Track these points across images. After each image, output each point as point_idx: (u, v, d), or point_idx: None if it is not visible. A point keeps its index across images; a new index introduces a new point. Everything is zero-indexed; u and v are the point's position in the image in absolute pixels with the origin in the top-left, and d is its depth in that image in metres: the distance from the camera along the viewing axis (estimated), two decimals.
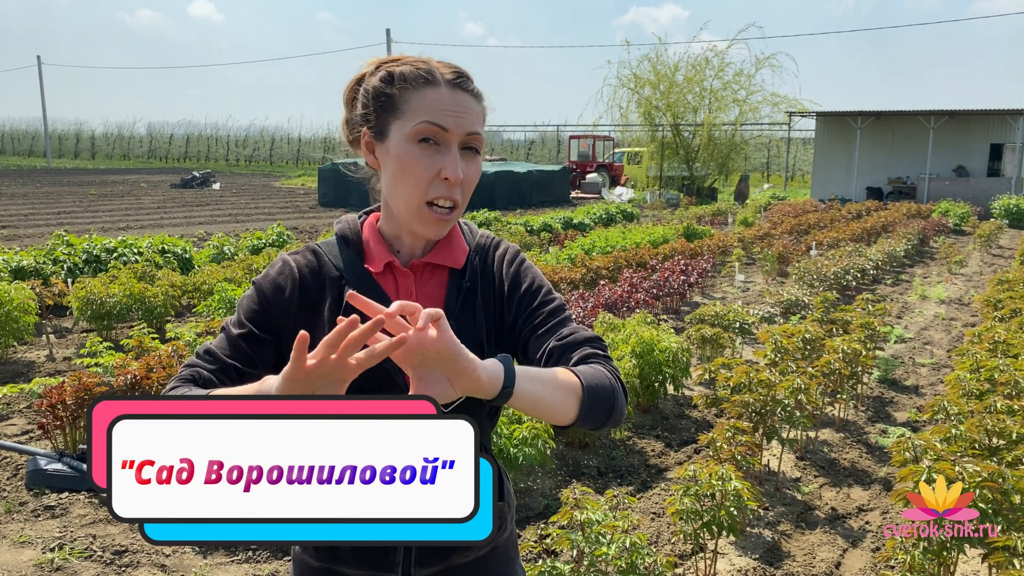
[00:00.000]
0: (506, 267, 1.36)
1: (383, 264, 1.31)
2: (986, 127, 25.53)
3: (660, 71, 29.02)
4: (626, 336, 5.41)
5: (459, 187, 1.25)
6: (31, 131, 65.35)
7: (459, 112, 1.24)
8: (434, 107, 1.23)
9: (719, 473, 3.11)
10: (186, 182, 31.55)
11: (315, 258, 1.33)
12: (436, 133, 1.23)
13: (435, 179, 1.23)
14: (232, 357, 1.27)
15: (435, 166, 1.22)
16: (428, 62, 1.28)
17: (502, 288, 1.35)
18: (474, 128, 1.25)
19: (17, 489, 4.22)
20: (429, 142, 1.23)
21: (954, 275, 11.87)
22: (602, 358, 1.27)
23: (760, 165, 44.14)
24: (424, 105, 1.23)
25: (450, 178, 1.22)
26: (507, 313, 1.34)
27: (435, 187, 1.23)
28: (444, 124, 1.22)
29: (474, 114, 1.26)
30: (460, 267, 1.34)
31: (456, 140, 1.23)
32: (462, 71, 1.28)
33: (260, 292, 1.31)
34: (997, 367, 4.60)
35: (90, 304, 7.12)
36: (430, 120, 1.22)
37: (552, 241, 14.01)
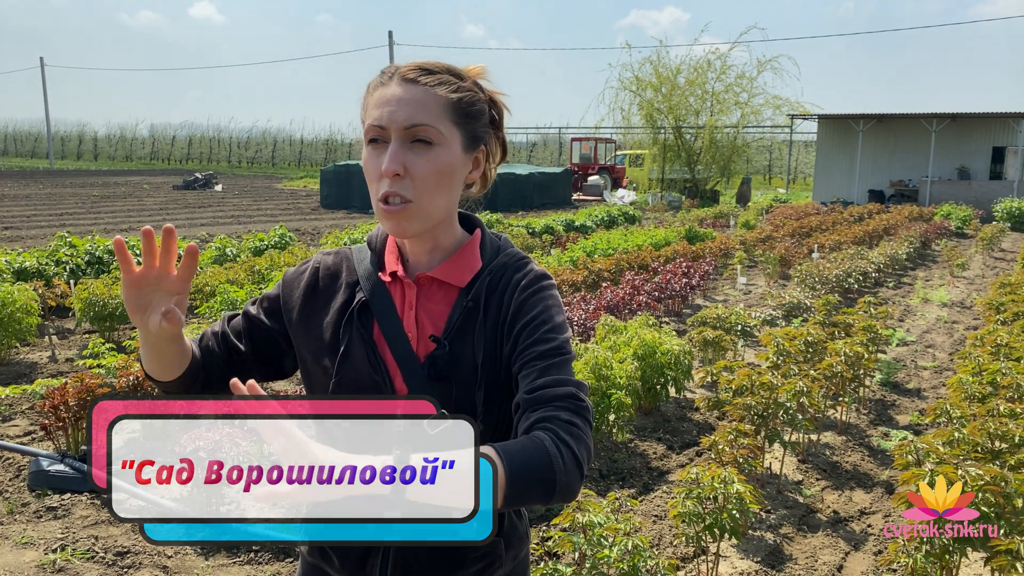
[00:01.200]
0: (518, 293, 1.27)
1: (389, 273, 1.31)
2: (988, 130, 25.51)
3: (662, 73, 29.02)
4: (628, 338, 5.41)
5: (406, 181, 1.20)
6: (34, 132, 65.47)
7: (394, 106, 1.20)
8: (376, 106, 1.22)
9: (721, 476, 3.10)
10: (188, 184, 31.57)
11: (340, 260, 1.36)
12: (377, 132, 1.21)
13: (382, 176, 1.21)
14: (233, 331, 1.39)
15: (380, 164, 1.21)
16: (393, 66, 1.26)
17: (506, 314, 1.26)
18: (414, 120, 1.19)
19: (19, 490, 4.22)
20: (377, 142, 1.22)
21: (956, 278, 11.85)
22: (562, 423, 1.11)
23: (762, 168, 44.13)
24: (372, 106, 1.23)
25: (383, 172, 1.19)
26: (506, 342, 1.25)
27: (382, 184, 1.21)
28: (379, 121, 1.21)
29: (416, 104, 1.20)
30: (463, 286, 1.29)
31: (396, 135, 1.20)
32: (424, 65, 1.24)
33: (281, 282, 1.39)
34: (999, 370, 4.59)
35: (92, 305, 7.13)
36: (371, 121, 1.22)
37: (554, 243, 14.01)
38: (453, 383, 1.24)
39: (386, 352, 1.26)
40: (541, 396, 1.16)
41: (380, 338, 1.27)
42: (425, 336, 1.27)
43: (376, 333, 1.27)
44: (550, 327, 1.24)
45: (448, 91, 1.23)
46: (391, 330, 1.26)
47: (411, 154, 1.20)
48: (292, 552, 3.63)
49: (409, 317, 1.28)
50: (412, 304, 1.28)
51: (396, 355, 1.25)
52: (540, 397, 1.16)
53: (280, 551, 3.63)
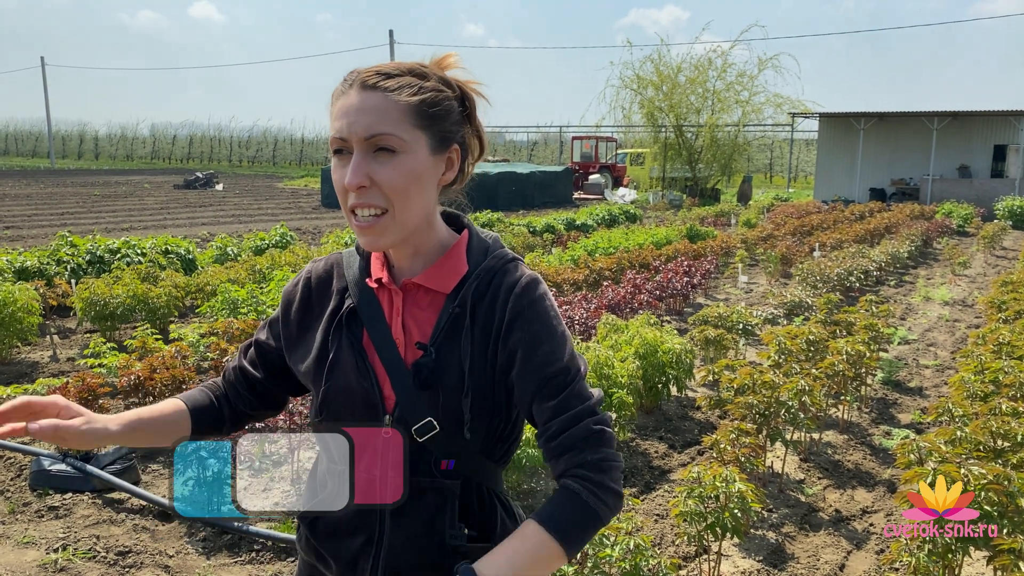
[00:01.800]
0: (512, 302, 1.23)
1: (375, 280, 1.29)
2: (989, 128, 25.48)
3: (663, 72, 29.01)
4: (629, 337, 5.40)
5: (375, 191, 1.17)
6: (35, 132, 65.46)
7: (353, 116, 1.16)
8: (336, 117, 1.19)
9: (723, 475, 3.10)
10: (189, 183, 31.58)
11: (331, 267, 1.36)
12: (339, 144, 1.19)
13: (348, 189, 1.18)
14: (248, 358, 1.43)
15: (344, 176, 1.18)
16: (355, 72, 1.21)
17: (500, 324, 1.23)
18: (373, 129, 1.16)
19: (21, 490, 4.22)
20: (341, 153, 1.19)
21: (958, 276, 11.84)
22: (592, 465, 1.16)
23: (763, 166, 44.12)
24: (333, 117, 1.20)
25: (346, 185, 1.17)
26: (500, 353, 1.23)
27: (349, 196, 1.18)
28: (340, 133, 1.18)
29: (376, 113, 1.16)
30: (449, 292, 1.26)
31: (357, 145, 1.17)
32: (378, 68, 1.21)
33: (281, 301, 1.40)
34: (1002, 369, 4.59)
35: (93, 305, 7.13)
36: (332, 133, 1.19)
37: (555, 242, 14.01)
38: (440, 390, 1.22)
39: (375, 359, 1.25)
40: (566, 441, 1.18)
41: (369, 345, 1.26)
42: (412, 343, 1.25)
43: (365, 340, 1.27)
44: (552, 345, 1.22)
45: (408, 95, 1.18)
46: (379, 337, 1.25)
47: (375, 163, 1.17)
48: (293, 552, 3.63)
49: (396, 324, 1.26)
50: (399, 311, 1.27)
51: (385, 362, 1.24)
52: (564, 443, 1.18)
53: (281, 550, 3.63)
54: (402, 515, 1.24)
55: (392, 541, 1.25)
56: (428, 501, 1.24)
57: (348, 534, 1.28)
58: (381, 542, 1.25)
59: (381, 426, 1.22)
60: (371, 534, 1.26)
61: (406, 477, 1.21)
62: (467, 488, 1.26)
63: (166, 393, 4.78)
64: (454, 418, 1.21)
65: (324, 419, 1.27)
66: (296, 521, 1.38)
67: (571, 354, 1.23)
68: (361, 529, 1.27)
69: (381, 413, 1.23)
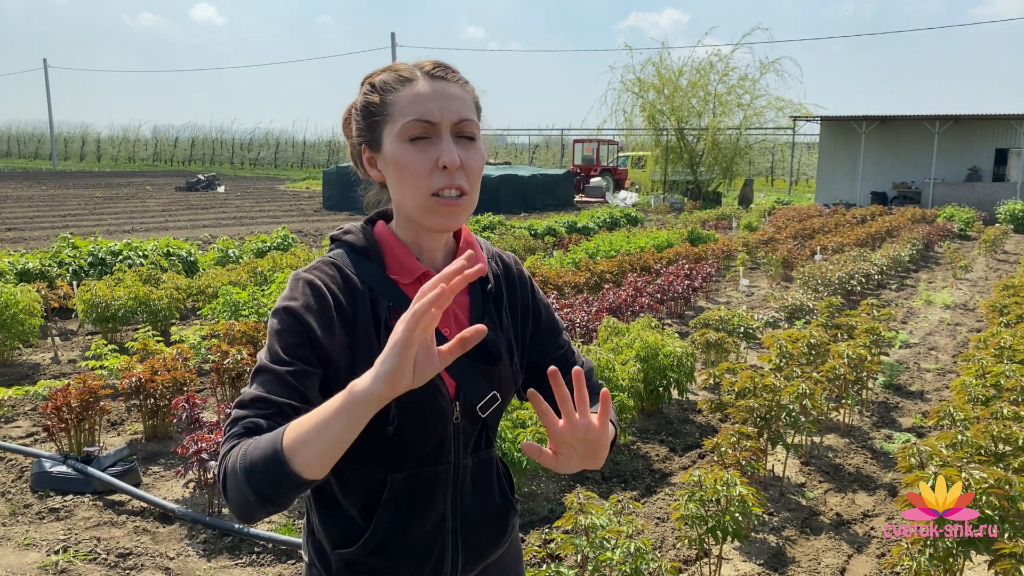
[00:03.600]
0: (529, 283, 1.44)
1: (416, 275, 1.26)
2: (991, 132, 25.48)
3: (664, 75, 29.04)
4: (630, 340, 5.40)
5: (461, 173, 1.22)
6: (37, 134, 65.58)
7: (442, 101, 1.21)
8: (417, 102, 1.21)
9: (724, 478, 3.10)
10: (191, 185, 31.63)
11: (336, 271, 1.26)
12: (425, 128, 1.21)
13: (434, 170, 1.20)
14: (285, 396, 1.13)
15: (431, 158, 1.20)
16: (405, 64, 1.27)
17: (527, 305, 1.41)
18: (462, 115, 1.22)
19: (22, 491, 4.22)
20: (422, 139, 1.21)
21: (959, 280, 11.83)
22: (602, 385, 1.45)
23: (764, 170, 44.11)
24: (408, 103, 1.21)
25: (447, 164, 1.19)
26: (528, 329, 1.41)
27: (436, 178, 1.20)
28: (429, 117, 1.20)
29: (460, 101, 1.23)
30: (485, 274, 1.28)
31: (446, 129, 1.21)
32: (442, 63, 1.27)
33: (297, 318, 1.18)
34: (1003, 373, 4.58)
35: (95, 307, 7.14)
36: (416, 117, 1.20)
37: (556, 245, 14.01)
38: (499, 365, 1.31)
39: None
40: (589, 371, 1.47)
41: None
42: (461, 327, 1.28)
43: None
44: (559, 321, 1.49)
45: (470, 88, 1.28)
46: None
47: (460, 149, 1.22)
48: (294, 554, 3.63)
49: (445, 312, 1.25)
50: None
51: None
52: (589, 372, 1.47)
53: (282, 552, 3.63)
54: (471, 492, 1.32)
55: (465, 519, 1.31)
56: (487, 472, 1.35)
57: (423, 531, 1.28)
58: (456, 525, 1.30)
59: (451, 415, 1.26)
60: (443, 522, 1.29)
61: (475, 456, 1.33)
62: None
63: (167, 395, 4.79)
64: (508, 387, 1.33)
65: (398, 425, 1.21)
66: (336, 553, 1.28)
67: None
68: (436, 521, 1.29)
69: (450, 401, 1.26)
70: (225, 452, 1.09)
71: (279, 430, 1.04)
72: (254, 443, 1.05)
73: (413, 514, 1.27)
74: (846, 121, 26.85)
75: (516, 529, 1.44)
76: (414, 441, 1.24)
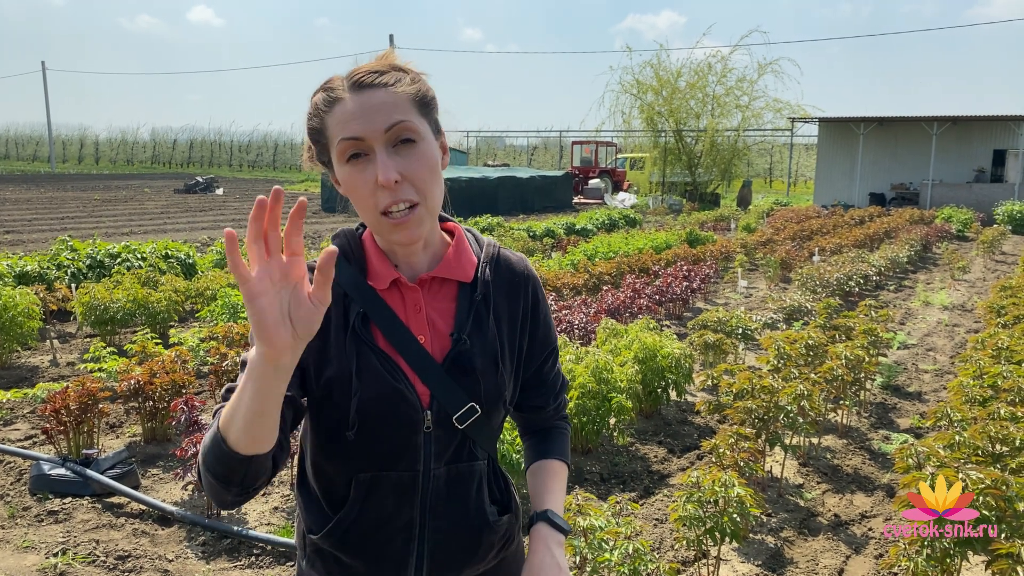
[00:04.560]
0: (532, 285, 1.39)
1: (389, 281, 1.27)
2: (989, 133, 25.52)
3: (662, 77, 29.07)
4: (629, 342, 5.41)
5: (407, 185, 1.18)
6: (35, 136, 65.50)
7: (367, 115, 1.16)
8: (343, 122, 1.17)
9: (722, 479, 3.10)
10: (189, 187, 31.61)
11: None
12: (356, 145, 1.17)
13: (376, 189, 1.17)
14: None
15: (369, 178, 1.17)
16: (334, 79, 1.21)
17: (526, 313, 1.37)
18: (391, 120, 1.16)
19: (20, 494, 4.22)
20: (357, 157, 1.18)
21: (957, 281, 11.85)
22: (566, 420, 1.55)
23: (763, 171, 44.17)
24: (337, 125, 1.18)
25: (383, 183, 1.15)
26: (523, 339, 1.37)
27: (380, 197, 1.17)
28: (356, 134, 1.16)
29: (387, 106, 1.17)
30: (470, 280, 1.31)
31: (377, 141, 1.17)
32: (366, 68, 1.20)
33: None
34: (1000, 373, 4.59)
35: (94, 309, 7.14)
36: (344, 136, 1.17)
37: (555, 247, 14.02)
38: (479, 375, 1.27)
39: (397, 358, 1.25)
40: (562, 398, 1.53)
41: (387, 346, 1.25)
42: (439, 335, 1.27)
43: (381, 342, 1.25)
44: (553, 336, 1.46)
45: (406, 86, 1.20)
46: (397, 336, 1.24)
47: (399, 158, 1.18)
48: (293, 556, 3.63)
49: (419, 319, 1.27)
50: (421, 306, 1.27)
51: (409, 359, 1.24)
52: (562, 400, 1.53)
53: (280, 555, 3.63)
54: (443, 503, 1.28)
55: (435, 530, 1.28)
56: (465, 485, 1.30)
57: (387, 534, 1.27)
58: (424, 534, 1.28)
59: (421, 423, 1.24)
60: (411, 528, 1.27)
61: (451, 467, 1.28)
62: (489, 466, 1.35)
63: (166, 398, 4.79)
64: (493, 399, 1.28)
65: (358, 430, 1.22)
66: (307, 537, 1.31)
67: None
68: (401, 526, 1.27)
69: (420, 410, 1.24)
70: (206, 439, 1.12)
71: (221, 413, 1.07)
72: (209, 429, 1.10)
73: (378, 515, 1.26)
74: (844, 122, 26.89)
75: (506, 548, 1.37)
76: (375, 447, 1.24)
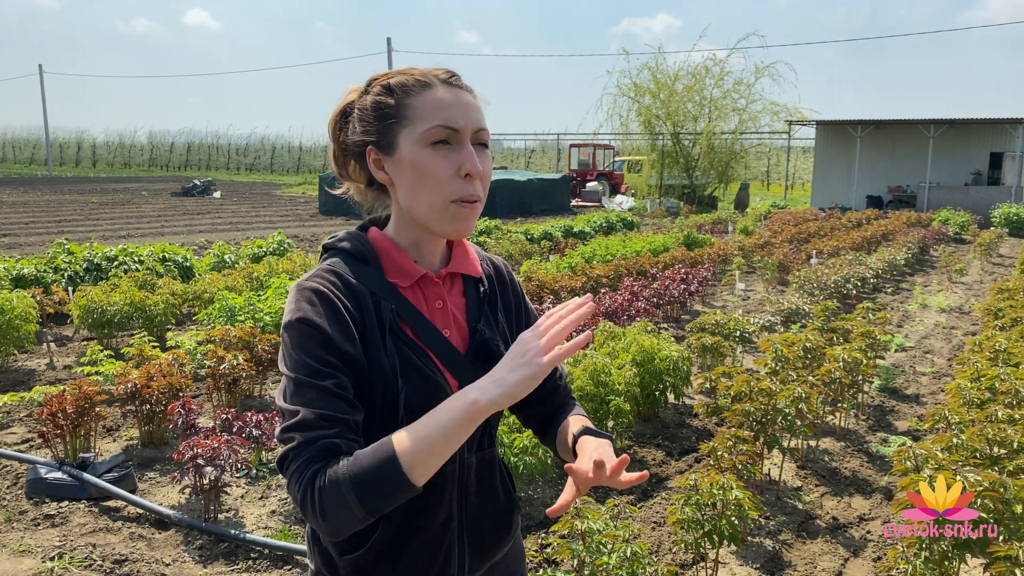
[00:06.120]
0: (518, 286, 1.49)
1: (415, 278, 1.29)
2: (986, 136, 25.59)
3: (660, 80, 29.11)
4: (627, 344, 5.40)
5: (478, 182, 1.25)
6: (32, 139, 65.37)
7: (464, 109, 1.24)
8: (441, 108, 1.23)
9: (720, 482, 3.10)
10: (187, 190, 31.59)
11: (337, 278, 1.26)
12: (448, 134, 1.23)
13: (454, 177, 1.23)
14: (345, 411, 1.16)
15: (452, 164, 1.22)
16: (418, 69, 1.29)
17: (518, 299, 1.47)
18: (481, 124, 1.26)
19: (17, 498, 4.21)
20: (443, 143, 1.23)
21: (954, 284, 11.86)
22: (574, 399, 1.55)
23: (760, 174, 44.18)
24: (430, 109, 1.23)
25: (472, 173, 1.23)
26: (519, 322, 1.46)
27: (457, 185, 1.23)
28: (454, 124, 1.23)
29: (477, 110, 1.27)
30: (480, 275, 1.40)
31: (467, 136, 1.24)
32: (452, 71, 1.29)
33: (315, 327, 1.18)
34: (998, 376, 4.60)
35: (91, 312, 7.13)
36: (441, 123, 1.22)
37: (552, 249, 14.02)
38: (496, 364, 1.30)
39: (429, 352, 1.28)
40: (564, 388, 1.53)
41: (416, 340, 1.28)
42: (459, 327, 1.33)
43: (411, 337, 1.28)
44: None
45: (477, 98, 1.30)
46: (425, 331, 1.28)
47: (479, 156, 1.25)
48: (290, 560, 3.62)
49: (444, 313, 1.32)
50: (443, 300, 1.32)
51: (437, 352, 1.28)
52: (564, 389, 1.53)
53: (278, 558, 3.62)
54: (475, 491, 1.33)
55: (472, 518, 1.33)
56: (490, 471, 1.37)
57: (430, 532, 1.28)
58: (463, 525, 1.31)
59: None
60: (450, 522, 1.30)
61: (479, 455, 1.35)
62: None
63: (163, 401, 4.78)
64: None
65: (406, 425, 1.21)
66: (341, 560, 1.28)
67: None
68: (442, 520, 1.29)
69: None
70: (310, 476, 1.10)
71: (380, 447, 1.10)
72: (353, 462, 1.09)
73: (421, 515, 1.27)
74: (841, 125, 26.94)
75: (519, 527, 1.46)
76: None
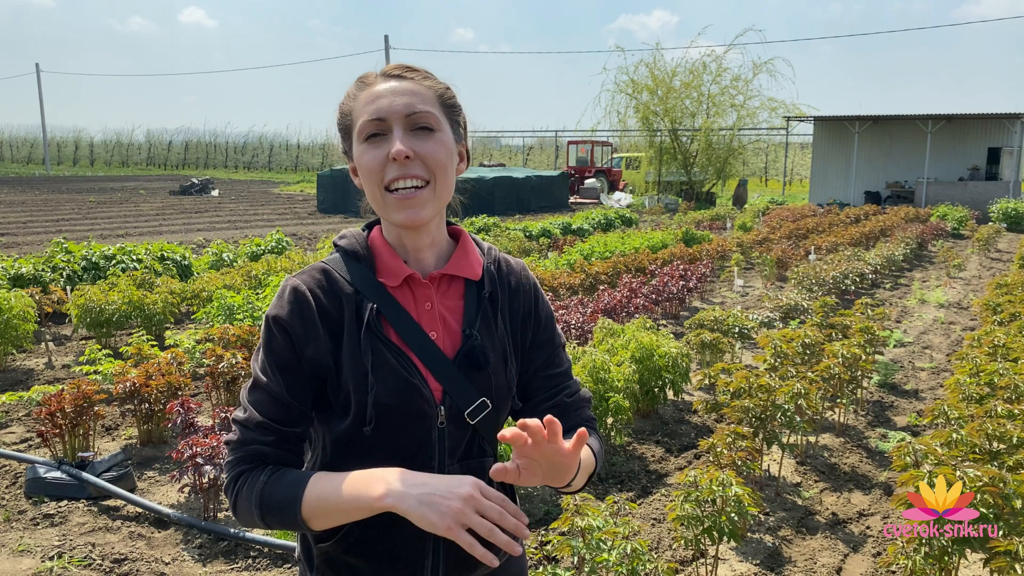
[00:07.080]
0: (532, 287, 1.42)
1: (402, 278, 1.28)
2: (984, 131, 25.57)
3: (658, 76, 29.06)
4: (625, 341, 5.40)
5: (418, 163, 1.22)
6: (30, 139, 65.21)
7: (393, 97, 1.23)
8: (370, 102, 1.24)
9: (720, 478, 3.10)
10: (185, 189, 31.54)
11: (324, 276, 1.27)
12: (376, 125, 1.22)
13: (386, 164, 1.22)
14: (284, 421, 1.22)
15: (383, 153, 1.22)
16: (372, 71, 1.29)
17: (529, 312, 1.40)
18: (414, 107, 1.23)
19: (16, 497, 4.21)
20: (375, 136, 1.23)
21: (953, 279, 11.87)
22: (592, 420, 1.45)
23: (758, 170, 44.16)
24: (363, 106, 1.25)
25: (394, 155, 1.20)
26: (527, 333, 1.39)
27: (388, 171, 1.22)
28: (379, 114, 1.22)
29: (414, 95, 1.24)
30: (478, 278, 1.34)
31: (397, 123, 1.22)
32: (406, 64, 1.29)
33: (283, 329, 1.23)
34: (997, 371, 4.60)
35: (89, 311, 7.12)
36: (368, 117, 1.23)
37: (551, 246, 14.02)
38: (489, 371, 1.29)
39: (410, 354, 1.26)
40: (577, 399, 1.43)
41: (399, 341, 1.26)
42: (450, 331, 1.30)
43: (394, 338, 1.26)
44: (559, 336, 1.46)
45: (433, 84, 1.28)
46: (410, 332, 1.26)
47: (415, 139, 1.22)
48: (290, 558, 3.62)
49: (431, 315, 1.29)
50: (433, 303, 1.30)
51: (421, 355, 1.26)
52: (577, 400, 1.43)
53: (277, 557, 3.62)
54: None
55: None
56: None
57: (402, 534, 1.25)
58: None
59: (435, 419, 1.26)
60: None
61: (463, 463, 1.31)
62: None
63: (162, 400, 4.77)
64: (503, 394, 1.32)
65: (375, 426, 1.22)
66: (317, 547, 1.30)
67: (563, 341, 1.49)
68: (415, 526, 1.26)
69: (434, 405, 1.25)
70: (234, 476, 1.22)
71: (294, 483, 1.18)
72: (270, 486, 1.19)
73: (392, 515, 1.23)
74: (839, 121, 26.93)
75: (519, 545, 1.39)
76: (392, 442, 1.24)
